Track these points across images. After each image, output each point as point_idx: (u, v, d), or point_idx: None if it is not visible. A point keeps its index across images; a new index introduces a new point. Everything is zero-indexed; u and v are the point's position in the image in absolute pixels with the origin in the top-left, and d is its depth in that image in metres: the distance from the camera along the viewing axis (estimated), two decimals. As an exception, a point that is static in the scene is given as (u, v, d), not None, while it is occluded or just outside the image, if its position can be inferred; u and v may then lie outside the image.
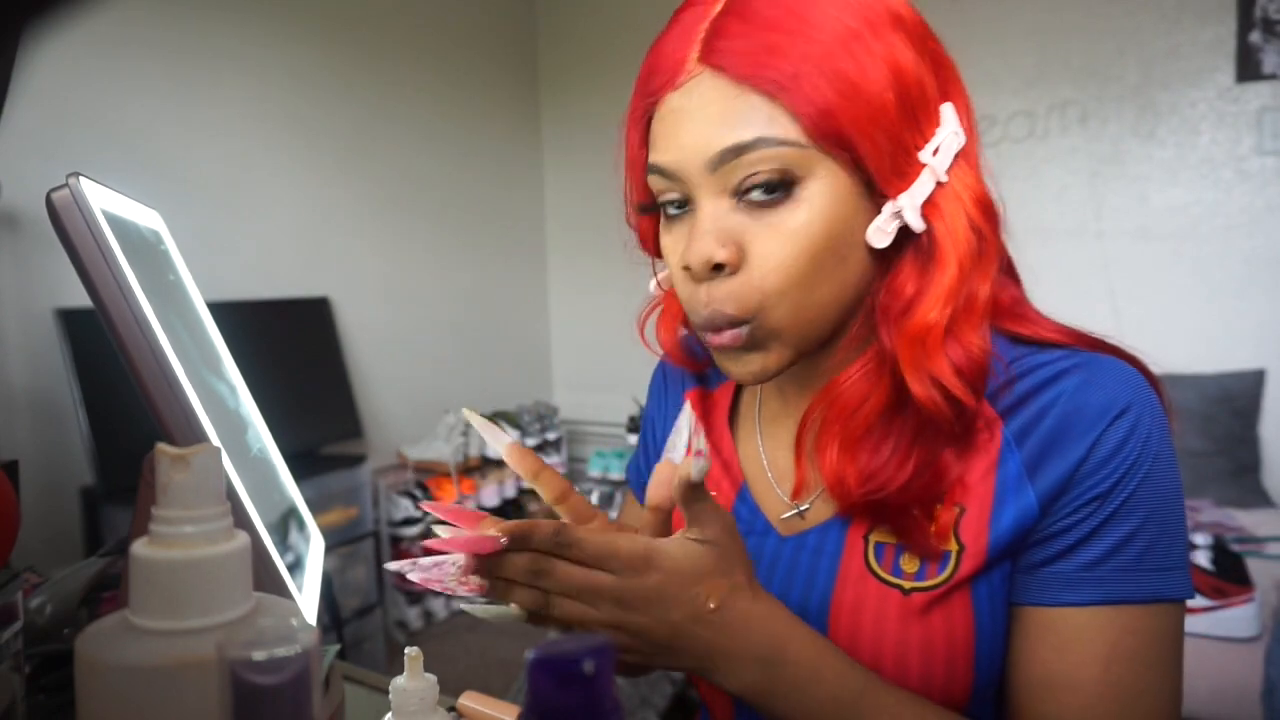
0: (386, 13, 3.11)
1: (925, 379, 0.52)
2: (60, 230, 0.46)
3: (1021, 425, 0.53)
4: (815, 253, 0.51)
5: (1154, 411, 0.52)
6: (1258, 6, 2.46)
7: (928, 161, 0.52)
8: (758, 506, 0.64)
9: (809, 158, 0.50)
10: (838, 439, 0.55)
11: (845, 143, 0.50)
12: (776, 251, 0.51)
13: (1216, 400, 2.49)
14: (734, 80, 0.50)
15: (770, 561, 0.60)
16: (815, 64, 0.49)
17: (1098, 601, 0.50)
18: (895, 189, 0.52)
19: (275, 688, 0.24)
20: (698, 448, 0.45)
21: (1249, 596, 1.66)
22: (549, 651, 0.23)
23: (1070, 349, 0.56)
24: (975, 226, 0.53)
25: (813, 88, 0.49)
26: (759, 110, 0.50)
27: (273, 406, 0.76)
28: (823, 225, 0.51)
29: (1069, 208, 2.75)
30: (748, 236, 0.52)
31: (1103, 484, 0.51)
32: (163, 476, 0.31)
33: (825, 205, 0.51)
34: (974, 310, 0.53)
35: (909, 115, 0.51)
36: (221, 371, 0.65)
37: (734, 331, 0.53)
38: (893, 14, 0.52)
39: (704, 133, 0.51)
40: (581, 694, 0.23)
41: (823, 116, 0.49)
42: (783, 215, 0.51)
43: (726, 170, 0.51)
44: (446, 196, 3.36)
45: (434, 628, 2.93)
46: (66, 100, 2.13)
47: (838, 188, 0.51)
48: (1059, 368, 0.54)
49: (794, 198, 0.51)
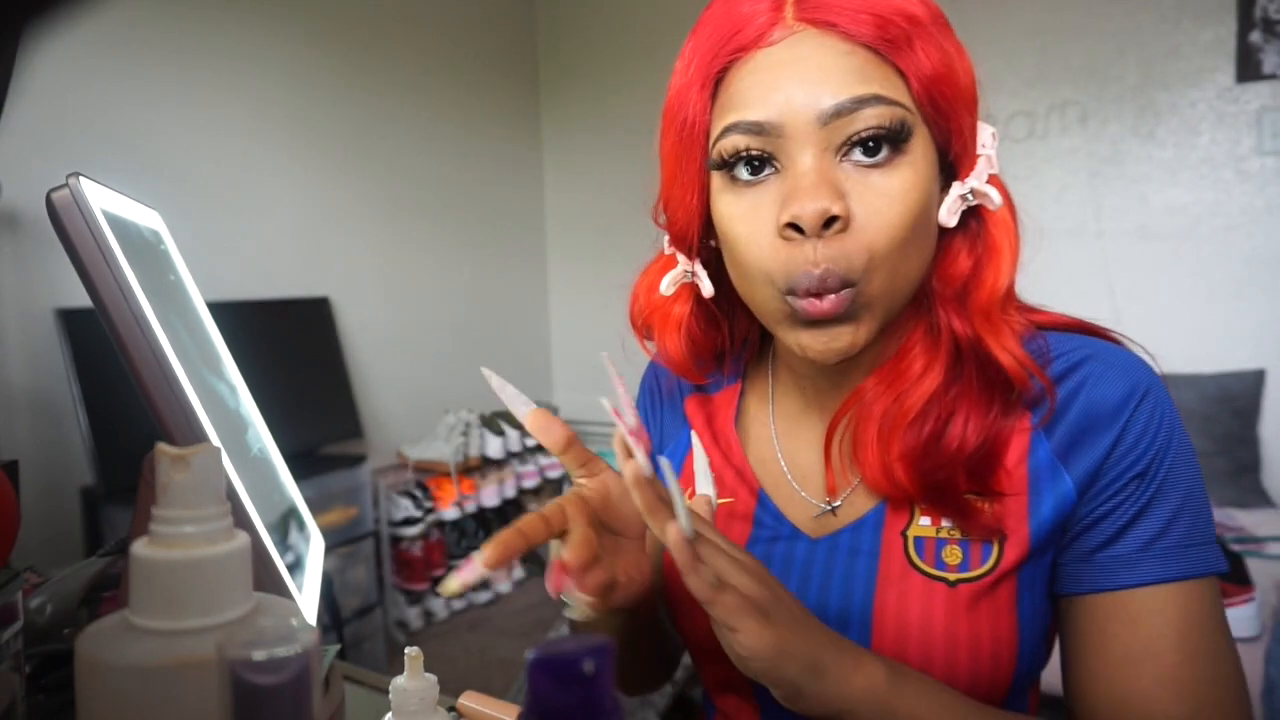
0: (387, 13, 3.11)
1: (1006, 351, 0.54)
2: (60, 230, 0.46)
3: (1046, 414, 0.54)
4: (915, 217, 0.51)
5: (1166, 392, 0.54)
6: (1258, 6, 2.46)
7: (986, 152, 0.54)
8: (780, 511, 0.62)
9: (915, 122, 0.51)
10: (884, 430, 0.55)
11: (945, 113, 0.51)
12: (884, 211, 0.50)
13: (1216, 400, 2.49)
14: (844, 37, 0.50)
15: (803, 567, 0.59)
16: (921, 34, 0.51)
17: (1160, 579, 0.51)
18: (965, 171, 0.54)
19: (275, 688, 0.24)
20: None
21: (1249, 596, 1.66)
22: (549, 651, 0.23)
23: (1080, 336, 0.57)
24: (1015, 216, 0.56)
25: (924, 53, 0.50)
26: (873, 67, 0.50)
27: (273, 406, 0.76)
28: (921, 192, 0.51)
29: (1069, 208, 2.75)
30: (856, 196, 0.50)
31: (1139, 463, 0.52)
32: (163, 476, 0.31)
33: (924, 170, 0.51)
34: (1013, 293, 0.57)
35: (975, 105, 0.54)
36: (221, 371, 0.65)
37: (839, 295, 0.50)
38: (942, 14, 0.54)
39: (815, 87, 0.50)
40: (581, 694, 0.23)
41: (932, 82, 0.50)
42: (888, 176, 0.50)
43: (840, 124, 0.49)
44: (446, 196, 3.36)
45: (434, 628, 2.93)
46: (66, 100, 2.12)
47: (929, 156, 0.52)
48: (1076, 357, 0.55)
49: (899, 160, 0.50)
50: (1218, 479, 2.43)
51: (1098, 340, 0.57)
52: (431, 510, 2.95)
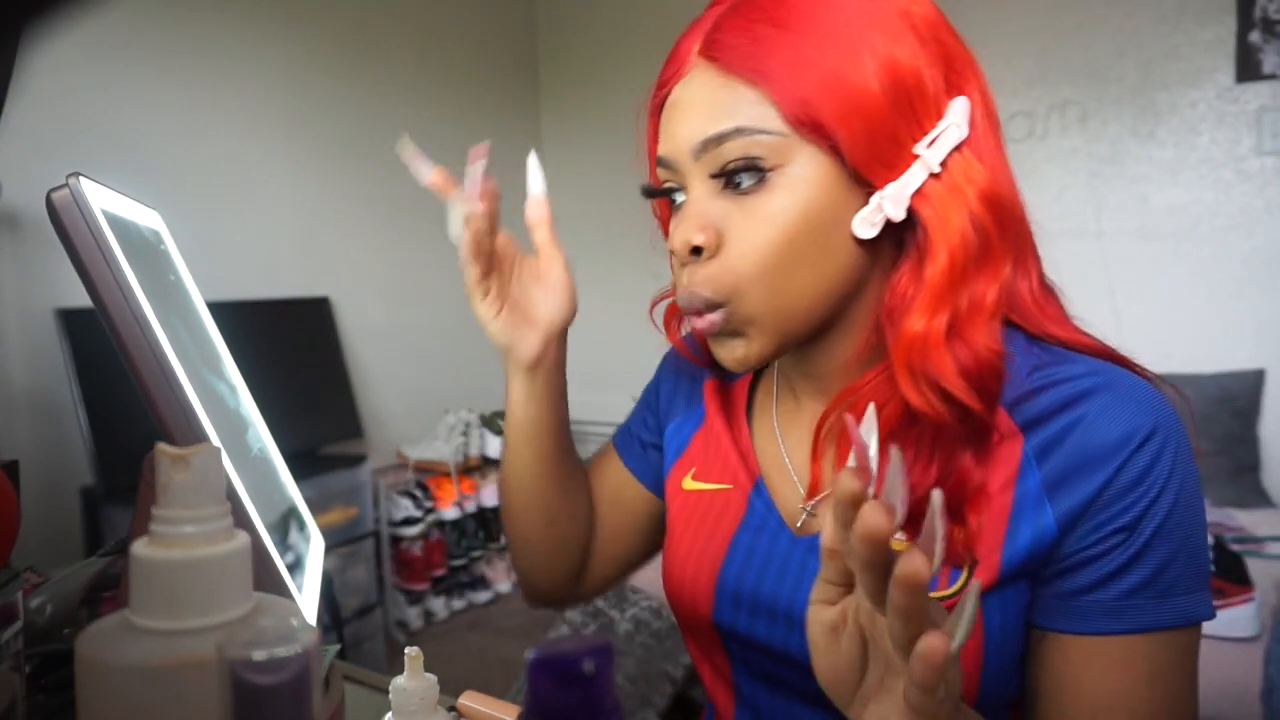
0: (387, 13, 3.11)
1: (921, 384, 0.52)
2: (60, 230, 0.46)
3: (1043, 443, 0.53)
4: (792, 238, 0.52)
5: (1179, 435, 0.51)
6: (1258, 6, 2.46)
7: (920, 153, 0.52)
8: (773, 502, 0.63)
9: (789, 146, 0.52)
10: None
11: (823, 131, 0.51)
12: (751, 235, 0.53)
13: (1216, 400, 2.49)
14: (722, 71, 0.53)
15: (782, 562, 0.60)
16: (800, 55, 0.51)
17: (1139, 629, 0.50)
18: (883, 179, 0.52)
19: (275, 688, 0.24)
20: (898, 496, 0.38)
21: (1249, 596, 1.66)
22: (549, 651, 0.23)
23: (1095, 361, 0.55)
24: (978, 222, 0.52)
25: (792, 78, 0.51)
26: (743, 100, 0.52)
27: (273, 406, 0.76)
28: (800, 211, 0.52)
29: (1069, 208, 2.75)
30: (728, 222, 0.54)
31: (1129, 512, 0.50)
32: (163, 476, 0.31)
33: (804, 192, 0.52)
34: (980, 310, 0.52)
35: (903, 108, 0.52)
36: (221, 371, 0.65)
37: (711, 316, 0.55)
38: (900, 10, 0.53)
39: (692, 123, 0.54)
40: (581, 694, 0.23)
41: (800, 105, 0.51)
42: (760, 201, 0.53)
43: (708, 158, 0.53)
44: (446, 196, 3.36)
45: (434, 628, 2.93)
46: (67, 100, 2.12)
47: (820, 176, 0.52)
48: (1083, 386, 0.53)
49: (770, 184, 0.52)
50: (1218, 479, 2.43)
51: (1116, 370, 0.54)
52: (431, 510, 2.95)
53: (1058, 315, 0.58)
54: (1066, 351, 0.56)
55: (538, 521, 0.72)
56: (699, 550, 0.65)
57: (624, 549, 0.78)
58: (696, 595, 0.63)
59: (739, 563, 0.62)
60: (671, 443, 0.73)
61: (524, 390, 0.69)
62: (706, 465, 0.69)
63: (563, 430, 0.72)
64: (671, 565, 0.67)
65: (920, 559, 0.34)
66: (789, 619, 0.58)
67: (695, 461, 0.70)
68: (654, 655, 1.99)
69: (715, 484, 0.67)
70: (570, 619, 2.15)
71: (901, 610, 0.35)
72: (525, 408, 0.69)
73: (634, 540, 0.78)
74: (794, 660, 0.58)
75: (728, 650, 0.63)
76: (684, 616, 0.66)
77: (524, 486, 0.71)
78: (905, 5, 0.53)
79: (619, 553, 0.78)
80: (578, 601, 0.81)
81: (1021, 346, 0.56)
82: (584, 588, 0.79)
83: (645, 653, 1.99)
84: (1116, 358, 0.57)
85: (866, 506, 0.35)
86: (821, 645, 0.43)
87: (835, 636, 0.42)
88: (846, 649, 0.42)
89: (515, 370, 0.69)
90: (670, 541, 0.68)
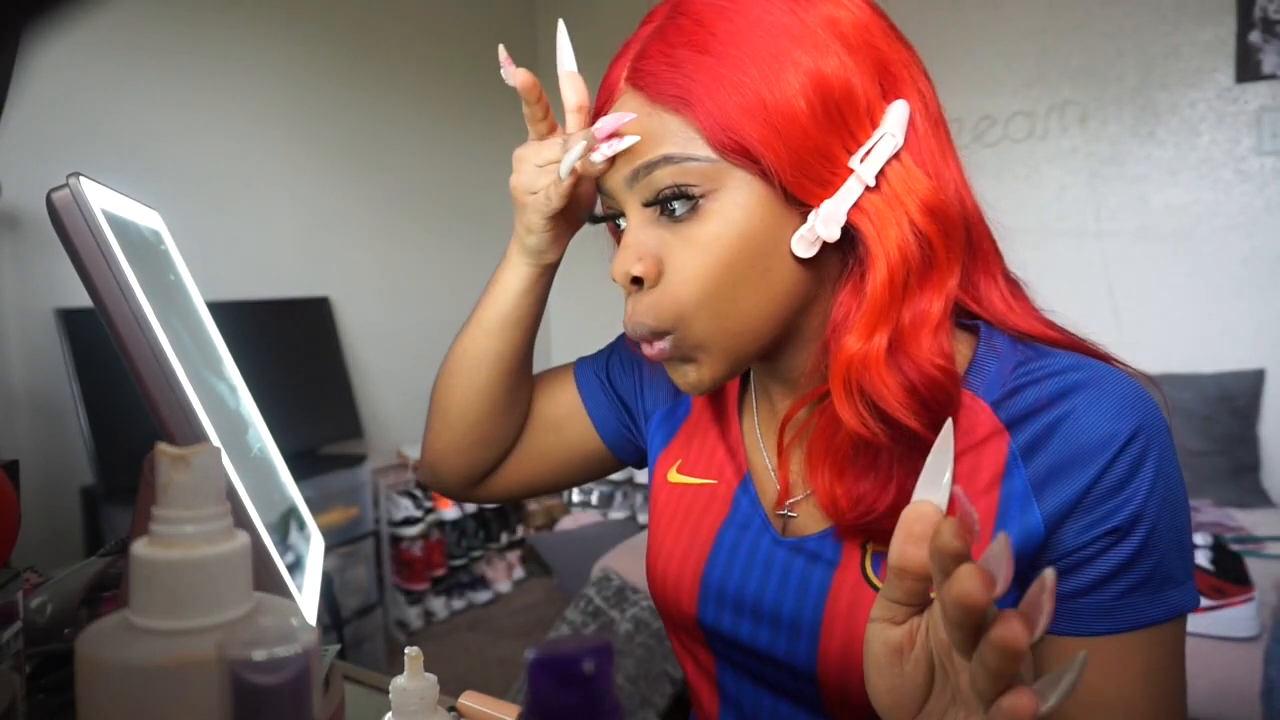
0: (387, 14, 3.11)
1: (858, 404, 0.51)
2: (60, 230, 0.46)
3: (1028, 441, 0.52)
4: (730, 263, 0.52)
5: (1162, 431, 0.51)
6: (1258, 6, 2.46)
7: (854, 167, 0.51)
8: (758, 499, 0.63)
9: (718, 171, 0.51)
10: (828, 459, 0.55)
11: (749, 154, 0.50)
12: (689, 263, 0.53)
13: (1216, 400, 2.49)
14: (648, 99, 0.53)
15: (765, 561, 0.60)
16: (720, 79, 0.50)
17: (1133, 627, 0.51)
18: (818, 197, 0.51)
19: (275, 688, 0.24)
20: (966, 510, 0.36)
21: (1248, 596, 1.66)
22: (549, 651, 0.23)
23: (1073, 356, 0.55)
24: (919, 233, 0.51)
25: (715, 103, 0.50)
26: (670, 128, 0.52)
27: (273, 406, 0.76)
28: (734, 236, 0.52)
29: (1069, 208, 2.75)
30: (666, 250, 0.54)
31: (1120, 513, 0.50)
32: (163, 476, 0.31)
33: (737, 217, 0.52)
34: (925, 323, 0.51)
35: (833, 122, 0.50)
36: (221, 371, 0.65)
37: (660, 345, 0.55)
38: (826, 19, 0.51)
39: (624, 152, 0.54)
40: (581, 694, 0.23)
41: (724, 130, 0.50)
42: (694, 228, 0.52)
43: (640, 187, 0.54)
44: (447, 197, 3.36)
45: (434, 628, 2.93)
46: (66, 100, 2.12)
47: (752, 199, 0.52)
48: (1067, 382, 0.52)
49: (703, 211, 0.52)
50: (1218, 479, 2.43)
51: (1097, 364, 0.54)
52: (431, 510, 2.95)
53: (1027, 310, 0.58)
54: (1044, 347, 0.56)
55: (472, 411, 0.72)
56: (684, 545, 0.65)
57: (541, 471, 0.78)
58: (680, 591, 0.63)
59: (723, 560, 0.62)
60: (658, 433, 0.73)
61: (528, 281, 0.69)
62: (692, 459, 0.69)
63: (536, 328, 0.72)
64: (656, 559, 0.66)
65: (1021, 628, 0.32)
66: (775, 621, 0.58)
67: (681, 454, 0.70)
68: (654, 655, 1.99)
69: (700, 479, 0.67)
70: (570, 619, 2.15)
71: (992, 669, 0.33)
72: (520, 295, 0.69)
73: (554, 468, 0.78)
74: (779, 662, 0.58)
75: (712, 648, 0.63)
76: (669, 612, 0.66)
77: (476, 372, 0.71)
78: (831, 13, 0.52)
79: (534, 472, 0.78)
80: (467, 499, 0.81)
81: (1006, 344, 0.56)
82: (482, 490, 0.78)
83: (645, 653, 1.99)
84: (1089, 350, 0.57)
85: (965, 570, 0.33)
86: (884, 665, 0.41)
87: (898, 658, 0.40)
88: (911, 673, 0.40)
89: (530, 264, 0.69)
90: (654, 535, 0.68)
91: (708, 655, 0.64)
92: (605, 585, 2.19)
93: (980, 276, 0.58)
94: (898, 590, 0.40)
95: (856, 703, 0.55)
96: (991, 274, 0.57)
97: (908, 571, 0.38)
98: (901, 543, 0.38)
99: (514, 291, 0.69)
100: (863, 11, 0.53)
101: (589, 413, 0.77)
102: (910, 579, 0.39)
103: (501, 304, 0.70)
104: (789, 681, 0.58)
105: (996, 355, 0.55)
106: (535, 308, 0.70)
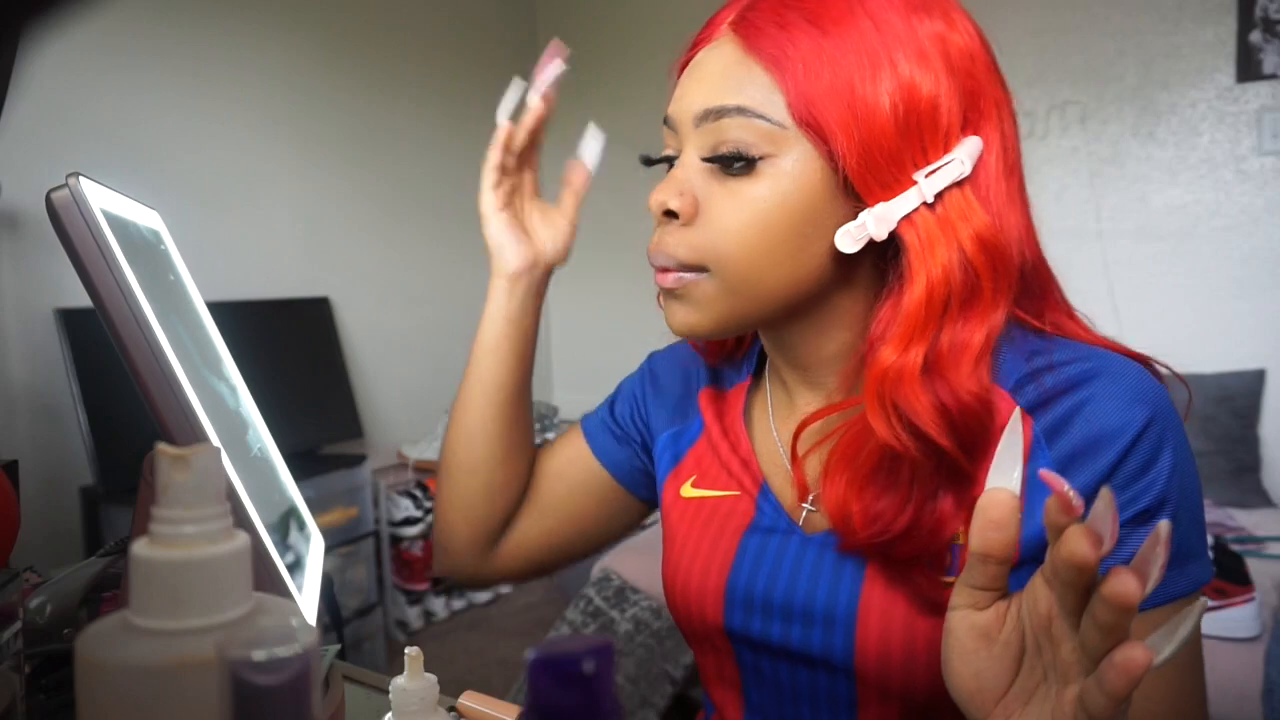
0: (387, 13, 3.11)
1: (890, 416, 0.51)
2: (60, 230, 0.46)
3: (1051, 424, 0.53)
4: (767, 226, 0.53)
5: (1175, 416, 0.53)
6: (1258, 6, 2.46)
7: (918, 179, 0.52)
8: (780, 505, 0.63)
9: (786, 138, 0.52)
10: (848, 472, 0.55)
11: (822, 132, 0.51)
12: (728, 214, 0.54)
13: (1216, 400, 2.49)
14: (744, 48, 0.53)
15: (794, 562, 0.59)
16: (821, 53, 0.51)
17: (1159, 603, 0.51)
18: (875, 197, 0.52)
19: (275, 688, 0.24)
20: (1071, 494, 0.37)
21: (1249, 596, 1.66)
22: (549, 651, 0.23)
23: (1086, 346, 0.56)
24: (967, 262, 0.52)
25: (808, 73, 0.51)
26: (755, 80, 0.52)
27: (273, 406, 0.76)
28: (779, 202, 0.53)
29: (1069, 208, 2.75)
30: (708, 195, 0.55)
31: (1145, 496, 0.51)
32: (163, 476, 0.31)
33: (788, 185, 0.52)
34: (965, 351, 0.52)
35: (910, 132, 0.51)
36: (221, 371, 0.65)
37: (676, 274, 0.56)
38: (937, 36, 0.52)
39: (702, 89, 0.55)
40: (581, 694, 0.23)
41: (806, 102, 0.51)
42: (743, 184, 0.53)
43: (708, 130, 0.54)
44: (447, 196, 3.36)
45: (434, 628, 2.93)
46: (66, 100, 2.12)
47: (808, 174, 0.52)
48: (1084, 368, 0.54)
49: (757, 171, 0.53)
50: (1218, 479, 2.43)
51: (1111, 354, 0.55)
52: (431, 510, 2.95)
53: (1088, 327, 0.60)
54: (1057, 337, 0.57)
55: (477, 455, 0.73)
56: (705, 555, 0.64)
57: (554, 528, 0.77)
58: (705, 601, 0.62)
59: (748, 567, 0.61)
60: (666, 452, 0.73)
61: (501, 302, 0.72)
62: (707, 473, 0.68)
63: (526, 363, 0.74)
64: (675, 572, 0.65)
65: (1133, 581, 0.33)
66: (807, 617, 0.57)
67: (694, 470, 0.69)
68: (654, 655, 1.99)
69: (721, 490, 0.66)
70: (570, 619, 2.15)
71: (1105, 625, 0.34)
72: (496, 322, 0.72)
73: (567, 521, 0.77)
74: (814, 659, 0.57)
75: (738, 657, 0.62)
76: (692, 624, 0.64)
77: (476, 410, 0.73)
78: (944, 32, 0.53)
79: (548, 530, 0.77)
80: (486, 579, 0.79)
81: (1016, 332, 0.57)
82: (497, 557, 0.77)
83: (645, 653, 1.99)
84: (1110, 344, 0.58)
85: (1075, 530, 0.35)
86: (968, 649, 0.41)
87: (986, 642, 0.41)
88: (999, 655, 0.41)
89: (497, 278, 0.72)
90: (671, 549, 0.67)
91: (733, 666, 0.63)
92: (605, 585, 2.19)
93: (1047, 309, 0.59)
94: (980, 576, 0.40)
95: (896, 692, 0.54)
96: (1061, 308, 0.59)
97: (991, 556, 0.39)
98: (982, 529, 0.39)
99: (491, 317, 0.72)
100: (973, 40, 0.55)
101: (593, 450, 0.77)
102: (994, 563, 0.40)
103: (484, 336, 0.73)
104: (823, 681, 0.58)
105: (1010, 343, 0.56)
106: (517, 338, 0.72)
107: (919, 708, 0.55)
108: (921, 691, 0.54)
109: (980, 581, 0.41)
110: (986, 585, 0.41)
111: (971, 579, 0.41)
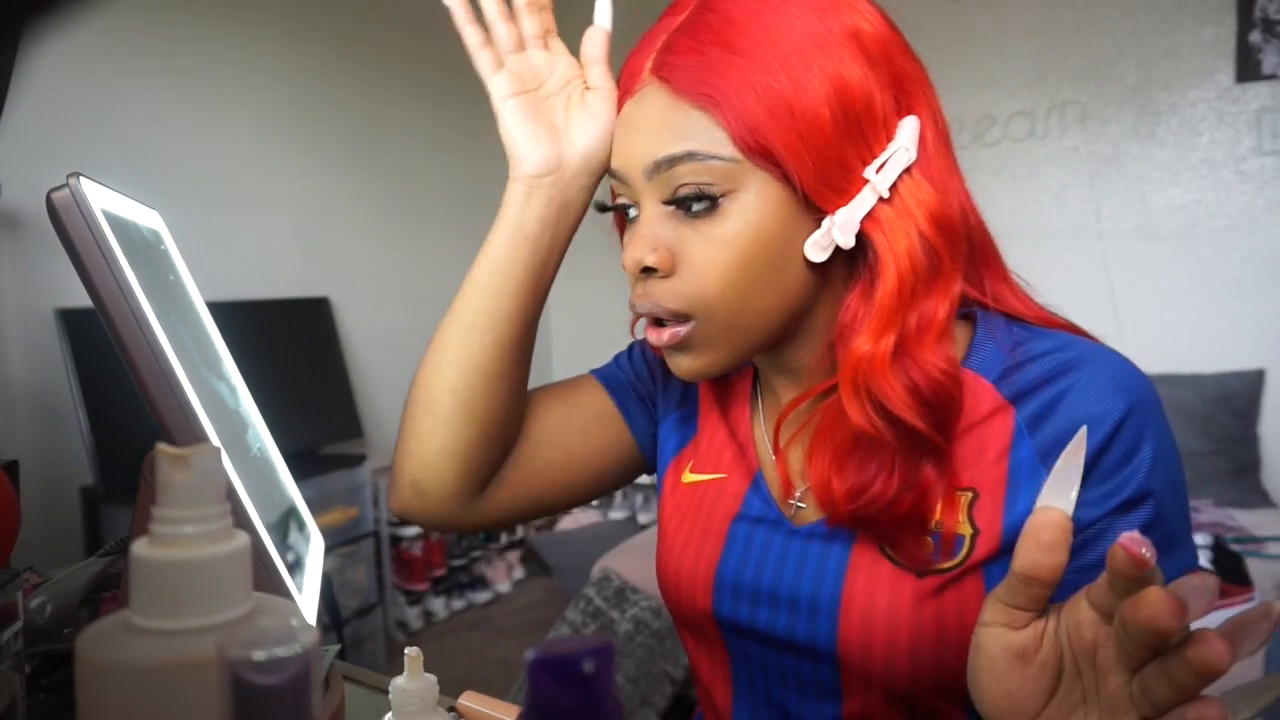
0: (387, 13, 3.11)
1: (865, 403, 0.52)
2: (60, 230, 0.46)
3: (1033, 413, 0.54)
4: (748, 261, 0.53)
5: (1157, 406, 0.54)
6: (1258, 6, 2.46)
7: (870, 178, 0.53)
8: (771, 495, 0.64)
9: (741, 171, 0.52)
10: (828, 451, 0.56)
11: (773, 158, 0.52)
12: (709, 258, 0.54)
13: (1216, 400, 2.49)
14: (674, 93, 0.53)
15: (781, 552, 0.60)
16: (750, 81, 0.51)
17: None
18: (833, 204, 0.53)
19: (275, 688, 0.24)
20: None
21: (1249, 596, 1.66)
22: (549, 651, 0.23)
23: (1066, 335, 0.57)
24: (927, 243, 0.53)
25: (743, 104, 0.51)
26: (695, 124, 0.53)
27: (273, 406, 0.76)
28: (753, 236, 0.53)
29: (1069, 208, 2.75)
30: (682, 243, 0.55)
31: (1127, 487, 0.51)
32: (163, 476, 0.31)
33: (756, 217, 0.53)
34: (930, 328, 0.53)
35: (852, 132, 0.52)
36: (221, 371, 0.65)
37: (673, 330, 0.56)
38: (850, 30, 0.53)
39: (644, 142, 0.55)
40: (581, 694, 0.23)
41: (751, 133, 0.51)
42: (713, 225, 0.53)
43: (661, 180, 0.54)
44: (447, 196, 3.36)
45: (434, 628, 2.93)
46: (66, 100, 2.12)
47: (771, 201, 0.53)
48: (1066, 357, 0.54)
49: (722, 209, 0.53)
50: (1218, 479, 2.43)
51: (1089, 343, 0.56)
52: (431, 510, 2.94)
53: (1033, 303, 0.61)
54: (1038, 327, 0.58)
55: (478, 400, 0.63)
56: (696, 542, 0.65)
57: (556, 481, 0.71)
58: (695, 587, 0.64)
59: (738, 554, 0.62)
60: (671, 438, 0.73)
61: (515, 210, 0.61)
62: (702, 457, 0.69)
63: (540, 294, 0.64)
64: (667, 558, 0.67)
65: (1224, 650, 0.31)
66: (793, 604, 0.58)
67: (693, 455, 0.70)
68: (654, 655, 1.99)
69: (710, 474, 0.68)
70: (570, 619, 2.15)
71: (1181, 685, 0.33)
72: (507, 233, 0.61)
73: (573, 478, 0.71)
74: (799, 645, 0.58)
75: (727, 643, 0.64)
76: (682, 610, 0.66)
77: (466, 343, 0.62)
78: (856, 24, 0.53)
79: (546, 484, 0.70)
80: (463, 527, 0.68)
81: (1000, 325, 0.58)
82: (482, 505, 0.67)
83: (645, 653, 1.99)
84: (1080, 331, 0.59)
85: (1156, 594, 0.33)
86: (1000, 669, 0.40)
87: (1022, 662, 0.40)
88: (1035, 675, 0.39)
89: (514, 183, 0.61)
90: (665, 536, 0.68)
91: (722, 651, 0.64)
92: (605, 585, 2.19)
93: (987, 277, 0.60)
94: (1022, 596, 0.39)
95: (878, 680, 0.55)
96: (997, 274, 0.60)
97: (1036, 579, 0.38)
98: (1032, 551, 0.38)
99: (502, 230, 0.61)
100: (883, 27, 0.55)
101: (623, 415, 0.72)
102: (1039, 586, 0.38)
103: (489, 252, 0.62)
104: (808, 667, 0.59)
105: (993, 336, 0.58)
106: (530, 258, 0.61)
107: (901, 694, 0.55)
108: (903, 679, 0.54)
109: (1020, 602, 0.39)
110: (1027, 606, 0.39)
111: (1011, 598, 0.40)
